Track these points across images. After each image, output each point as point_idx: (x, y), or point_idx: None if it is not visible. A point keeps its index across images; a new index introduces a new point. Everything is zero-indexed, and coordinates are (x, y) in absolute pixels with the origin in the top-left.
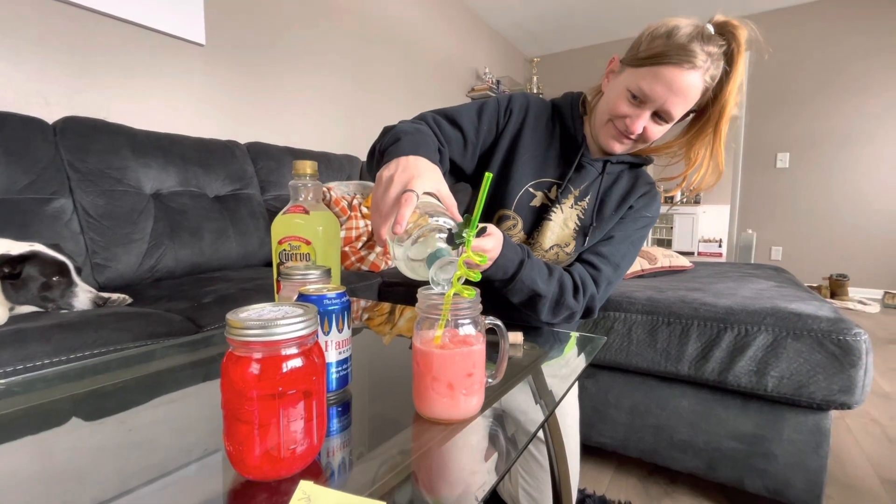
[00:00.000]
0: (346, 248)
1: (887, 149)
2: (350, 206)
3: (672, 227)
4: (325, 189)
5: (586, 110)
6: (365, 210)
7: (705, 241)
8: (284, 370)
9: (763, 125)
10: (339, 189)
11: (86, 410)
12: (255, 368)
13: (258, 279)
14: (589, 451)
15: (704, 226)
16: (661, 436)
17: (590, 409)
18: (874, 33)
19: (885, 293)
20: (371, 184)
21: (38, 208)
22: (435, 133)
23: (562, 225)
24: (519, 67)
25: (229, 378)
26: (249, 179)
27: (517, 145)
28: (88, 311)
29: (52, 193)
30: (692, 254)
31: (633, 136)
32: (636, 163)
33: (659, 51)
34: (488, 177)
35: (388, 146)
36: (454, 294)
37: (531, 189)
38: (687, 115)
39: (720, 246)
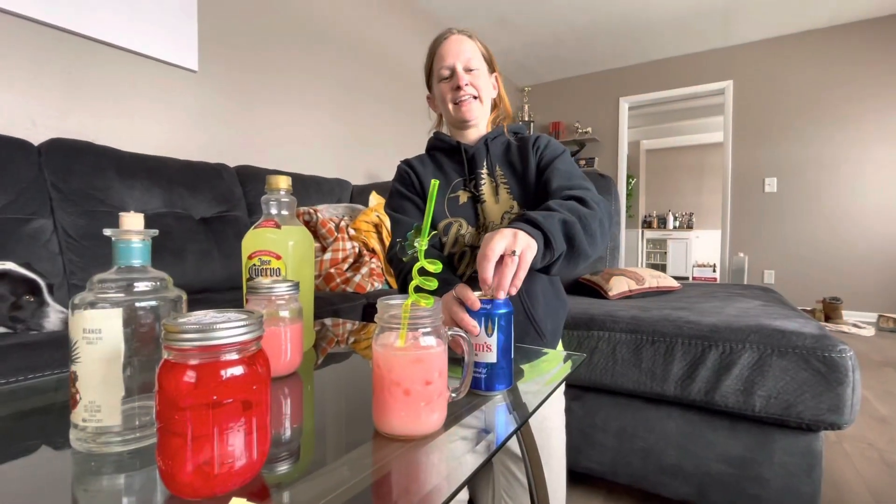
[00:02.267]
0: (332, 270)
1: (870, 172)
2: (337, 227)
3: (666, 252)
4: (311, 210)
5: (447, 133)
6: (352, 232)
7: (699, 265)
8: (223, 378)
9: (749, 151)
10: (328, 211)
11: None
12: (190, 376)
13: (241, 301)
14: (577, 478)
15: (698, 250)
16: (650, 460)
17: (577, 433)
18: (850, 63)
19: (880, 316)
20: (361, 207)
21: (15, 228)
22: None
23: (494, 197)
24: (511, 96)
25: (162, 387)
26: (237, 201)
27: (424, 185)
28: (58, 331)
29: (31, 213)
30: (687, 279)
31: (464, 89)
32: (512, 133)
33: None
34: (435, 184)
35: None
36: (412, 303)
37: (451, 195)
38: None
39: (714, 270)
